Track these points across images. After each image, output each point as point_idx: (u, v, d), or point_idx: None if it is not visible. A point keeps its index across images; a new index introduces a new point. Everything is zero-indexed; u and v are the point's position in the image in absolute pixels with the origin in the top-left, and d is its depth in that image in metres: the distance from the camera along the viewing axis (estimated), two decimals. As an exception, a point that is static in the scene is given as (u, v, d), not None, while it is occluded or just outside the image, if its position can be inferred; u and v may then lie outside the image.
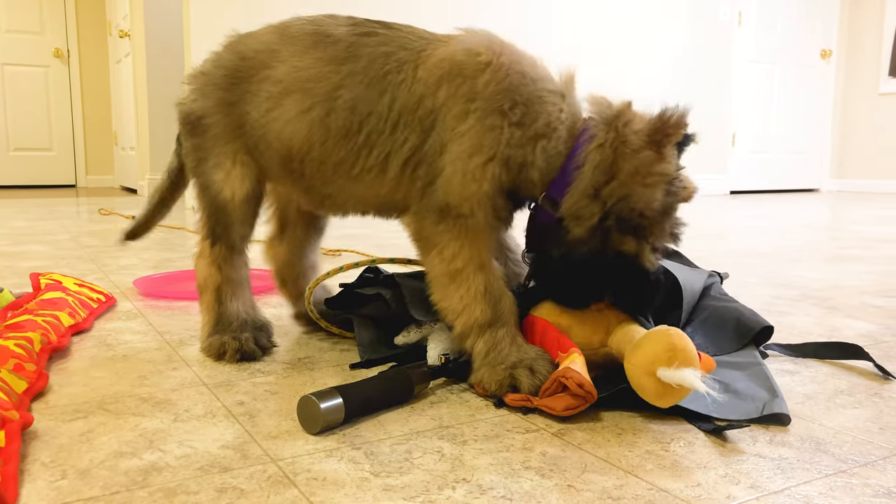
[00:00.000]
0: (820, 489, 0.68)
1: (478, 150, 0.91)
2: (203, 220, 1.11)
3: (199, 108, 1.08)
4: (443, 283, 0.94)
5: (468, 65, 0.94)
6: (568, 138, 0.94)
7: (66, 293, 1.34)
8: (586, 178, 0.91)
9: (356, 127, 0.98)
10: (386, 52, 0.98)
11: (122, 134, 5.95)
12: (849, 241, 2.68)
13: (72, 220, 3.28)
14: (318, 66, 1.00)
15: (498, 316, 0.93)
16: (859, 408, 0.90)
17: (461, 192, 0.92)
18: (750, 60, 5.86)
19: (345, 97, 0.98)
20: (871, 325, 1.35)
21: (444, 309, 0.95)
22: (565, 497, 0.66)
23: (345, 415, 0.82)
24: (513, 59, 0.94)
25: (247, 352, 1.08)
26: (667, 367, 0.80)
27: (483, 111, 0.91)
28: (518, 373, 0.90)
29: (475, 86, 0.92)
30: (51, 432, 0.80)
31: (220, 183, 1.08)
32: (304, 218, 1.23)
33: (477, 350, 0.93)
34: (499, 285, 0.95)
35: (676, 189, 0.90)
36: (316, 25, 1.03)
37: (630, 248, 0.92)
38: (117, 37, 5.66)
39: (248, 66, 1.05)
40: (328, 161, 1.01)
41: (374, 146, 0.98)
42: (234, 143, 1.07)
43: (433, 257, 0.95)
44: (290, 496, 0.65)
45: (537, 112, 0.92)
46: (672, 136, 0.88)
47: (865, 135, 6.26)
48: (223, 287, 1.11)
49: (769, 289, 1.70)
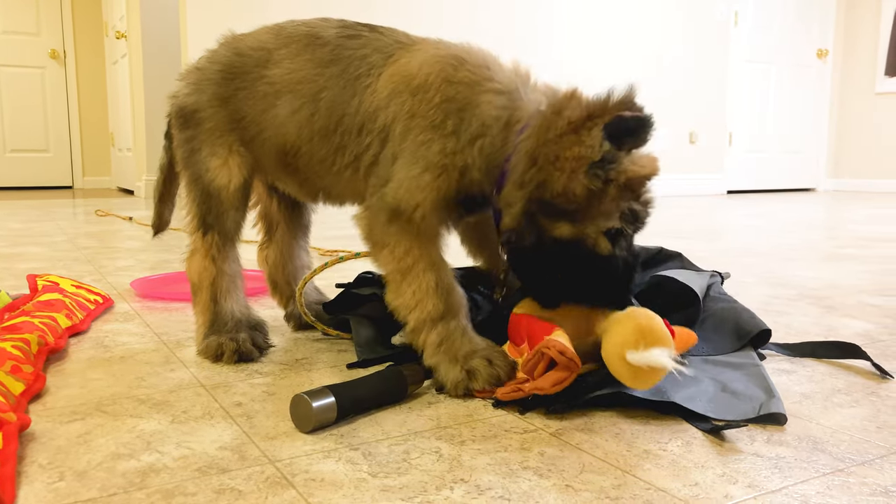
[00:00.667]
0: (817, 488, 0.68)
1: (416, 162, 0.95)
2: (193, 212, 1.11)
3: (194, 101, 1.10)
4: (395, 279, 0.97)
5: (411, 82, 0.98)
6: (507, 134, 0.95)
7: (64, 295, 1.34)
8: (518, 168, 0.93)
9: (333, 126, 1.03)
10: (363, 54, 1.03)
11: (118, 135, 5.94)
12: (845, 241, 2.69)
13: (68, 222, 3.28)
14: (307, 68, 1.04)
15: (449, 309, 0.96)
16: (856, 407, 0.90)
17: (409, 199, 0.95)
18: (746, 60, 5.87)
19: (326, 98, 1.03)
20: (868, 325, 1.35)
21: (398, 307, 0.97)
22: (563, 497, 0.66)
23: (337, 414, 0.82)
24: (446, 71, 0.97)
25: (244, 352, 1.08)
26: (635, 350, 0.80)
27: (420, 128, 0.96)
28: (475, 363, 0.92)
29: (414, 104, 0.97)
30: (48, 434, 0.79)
31: (215, 170, 1.09)
32: (286, 216, 1.25)
33: (430, 341, 0.95)
34: (449, 280, 0.97)
35: (606, 173, 0.87)
36: (309, 28, 1.08)
37: (565, 232, 0.90)
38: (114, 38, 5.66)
39: (244, 62, 1.08)
40: (314, 157, 1.06)
41: (346, 146, 1.03)
42: (230, 136, 1.09)
43: (385, 255, 0.97)
44: (288, 497, 0.65)
45: (471, 116, 0.95)
46: (597, 119, 0.88)
47: (862, 134, 6.28)
48: (218, 282, 1.11)
49: (766, 288, 1.71)
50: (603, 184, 0.88)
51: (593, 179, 0.87)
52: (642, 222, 0.93)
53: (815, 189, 6.46)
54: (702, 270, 1.27)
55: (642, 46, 5.32)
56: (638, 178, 0.89)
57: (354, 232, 1.12)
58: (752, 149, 6.02)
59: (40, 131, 6.35)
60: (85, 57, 6.45)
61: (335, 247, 2.43)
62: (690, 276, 1.18)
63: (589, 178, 0.87)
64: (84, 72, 6.46)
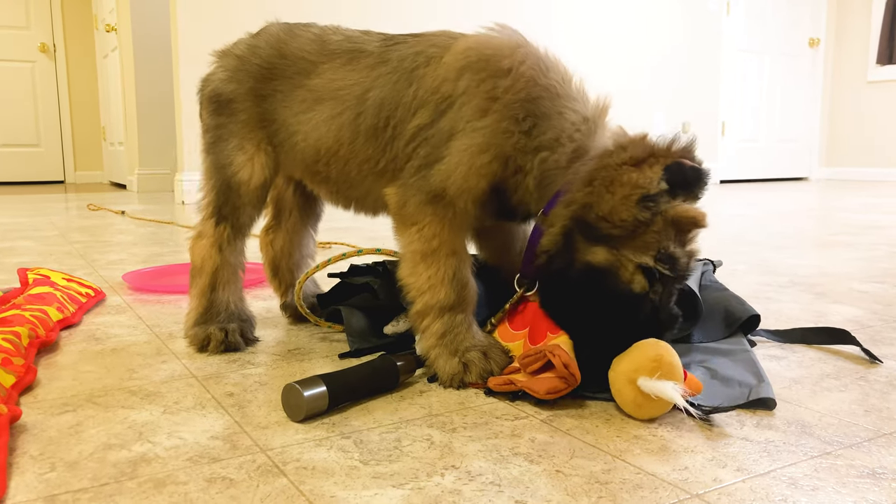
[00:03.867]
0: (805, 471, 0.69)
1: (487, 149, 0.92)
2: (209, 200, 1.11)
3: (231, 91, 1.09)
4: (414, 259, 0.95)
5: (493, 63, 0.93)
6: (573, 158, 0.92)
7: (55, 288, 1.34)
8: (571, 189, 0.90)
9: (383, 123, 0.99)
10: (416, 51, 0.99)
11: (110, 129, 5.91)
12: (837, 229, 2.70)
13: (60, 216, 3.26)
14: (351, 76, 1.03)
15: (460, 301, 0.95)
16: (845, 391, 0.91)
17: (462, 184, 0.92)
18: (739, 50, 5.87)
19: (373, 98, 1.00)
20: (857, 310, 1.36)
21: (409, 285, 0.96)
22: (553, 482, 0.66)
23: (328, 403, 0.82)
24: (538, 70, 0.93)
25: (232, 343, 1.08)
26: (648, 378, 0.80)
27: (500, 114, 0.92)
28: (471, 355, 0.92)
29: (496, 86, 0.92)
30: (39, 426, 0.79)
31: (240, 164, 1.09)
32: (300, 203, 1.24)
33: (433, 329, 0.95)
34: (467, 273, 0.96)
35: (657, 206, 0.84)
36: (352, 43, 1.06)
37: (599, 258, 0.87)
38: (104, 31, 5.62)
39: (286, 65, 1.07)
40: (354, 160, 1.02)
41: (398, 137, 0.98)
42: (260, 133, 1.09)
43: (412, 233, 0.95)
44: (280, 485, 0.66)
45: (548, 126, 0.92)
46: (661, 158, 0.86)
47: (854, 123, 6.29)
48: (220, 272, 1.11)
49: (757, 276, 1.71)
50: (650, 216, 0.85)
51: (643, 210, 0.84)
52: (681, 271, 0.87)
53: (808, 178, 6.48)
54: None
55: (636, 37, 5.32)
56: (686, 219, 0.85)
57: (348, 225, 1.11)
58: (744, 138, 6.03)
59: (31, 126, 6.31)
60: (75, 51, 6.41)
61: (328, 239, 2.42)
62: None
63: (639, 207, 0.84)
64: (74, 66, 6.42)
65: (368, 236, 2.46)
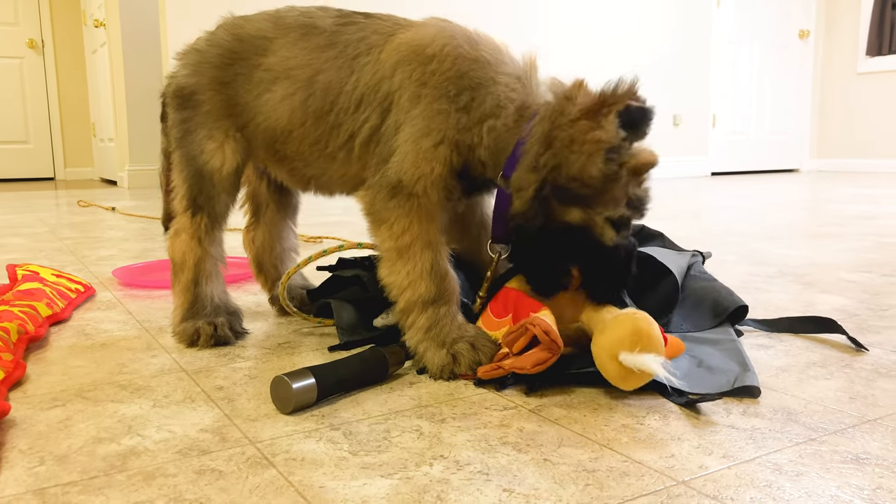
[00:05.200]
0: (790, 457, 0.69)
1: (428, 132, 0.95)
2: (183, 192, 1.11)
3: (193, 83, 1.10)
4: (391, 257, 0.97)
5: (419, 52, 0.97)
6: (519, 118, 0.96)
7: (44, 284, 1.33)
8: (530, 152, 0.93)
9: (328, 107, 1.02)
10: (360, 37, 1.03)
11: (100, 125, 5.88)
12: (826, 220, 2.71)
13: (50, 213, 3.25)
14: (303, 55, 1.05)
15: (441, 293, 0.96)
16: (831, 379, 0.92)
17: (414, 171, 0.95)
18: (730, 42, 5.88)
19: (322, 80, 1.03)
20: (845, 300, 1.37)
21: (390, 284, 0.97)
22: (541, 470, 0.67)
23: (318, 395, 0.83)
24: (463, 47, 0.97)
25: (221, 337, 1.09)
26: (629, 352, 0.80)
27: (432, 96, 0.95)
28: (459, 347, 0.93)
29: (425, 72, 0.96)
30: (28, 420, 0.79)
31: (210, 153, 1.09)
32: (275, 196, 1.25)
33: (419, 325, 0.96)
34: (444, 264, 0.97)
35: (620, 157, 0.89)
36: (307, 17, 1.08)
37: (575, 218, 0.91)
38: (92, 26, 5.59)
39: (243, 48, 1.08)
40: (306, 141, 1.05)
41: (341, 124, 1.02)
42: (226, 121, 1.10)
43: (383, 232, 0.97)
44: (269, 476, 0.66)
45: (485, 95, 0.95)
46: (611, 106, 0.89)
47: (844, 114, 6.32)
48: (202, 264, 1.11)
49: (747, 266, 1.72)
50: (617, 168, 0.89)
51: (609, 164, 0.88)
52: (646, 208, 0.94)
53: (799, 170, 6.50)
54: (682, 250, 1.28)
55: (626, 29, 5.32)
56: (645, 165, 0.91)
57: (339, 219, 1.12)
58: (735, 130, 6.04)
59: (20, 122, 6.26)
60: (64, 46, 6.36)
61: (318, 234, 2.42)
62: (670, 256, 1.18)
63: (605, 162, 0.88)
64: (63, 61, 6.38)
65: (360, 230, 2.46)
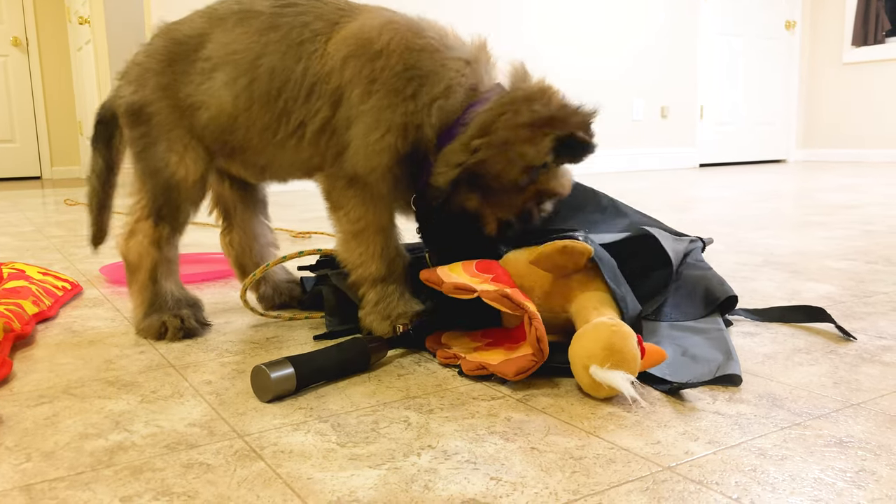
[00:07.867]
0: (774, 441, 0.70)
1: (377, 126, 0.98)
2: (146, 202, 1.11)
3: (140, 97, 1.09)
4: (346, 239, 1.04)
5: (367, 47, 0.99)
6: (465, 99, 1.00)
7: (30, 282, 1.33)
8: (467, 133, 0.97)
9: (275, 93, 1.03)
10: (304, 21, 1.03)
11: (87, 123, 5.84)
12: (812, 209, 2.73)
13: (36, 212, 3.23)
14: (242, 39, 1.05)
15: (390, 273, 1.04)
16: (816, 365, 0.93)
17: (366, 164, 1.00)
18: (717, 33, 5.89)
19: (266, 64, 1.03)
20: (831, 287, 1.38)
21: (344, 260, 1.05)
22: (528, 458, 0.67)
23: (296, 384, 0.83)
24: (409, 38, 0.99)
25: (190, 329, 1.09)
26: (599, 367, 0.80)
27: (382, 93, 0.98)
28: (401, 321, 1.02)
29: (374, 68, 0.99)
30: (15, 417, 0.79)
31: (174, 165, 1.09)
32: (240, 195, 1.25)
33: (368, 298, 1.05)
34: (395, 247, 1.05)
35: (537, 176, 0.97)
36: (241, 4, 1.07)
37: (472, 205, 1.00)
38: (77, 24, 5.54)
39: (181, 49, 1.08)
40: (254, 128, 1.05)
41: (291, 112, 1.03)
42: (181, 129, 1.09)
43: (340, 216, 1.04)
44: (257, 469, 0.66)
45: (435, 81, 0.99)
46: (553, 128, 0.93)
47: (831, 105, 6.35)
48: (159, 266, 1.11)
49: (734, 256, 1.73)
50: (528, 184, 0.97)
51: (523, 177, 0.96)
52: (531, 224, 1.03)
53: (786, 160, 6.54)
54: (682, 236, 1.26)
55: (613, 22, 5.32)
56: (551, 192, 1.00)
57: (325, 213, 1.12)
58: (723, 122, 6.07)
59: (5, 121, 6.21)
60: (48, 44, 6.31)
61: (306, 229, 2.42)
62: (669, 239, 1.17)
63: (521, 174, 0.96)
64: (48, 59, 6.32)
65: (349, 225, 2.45)
